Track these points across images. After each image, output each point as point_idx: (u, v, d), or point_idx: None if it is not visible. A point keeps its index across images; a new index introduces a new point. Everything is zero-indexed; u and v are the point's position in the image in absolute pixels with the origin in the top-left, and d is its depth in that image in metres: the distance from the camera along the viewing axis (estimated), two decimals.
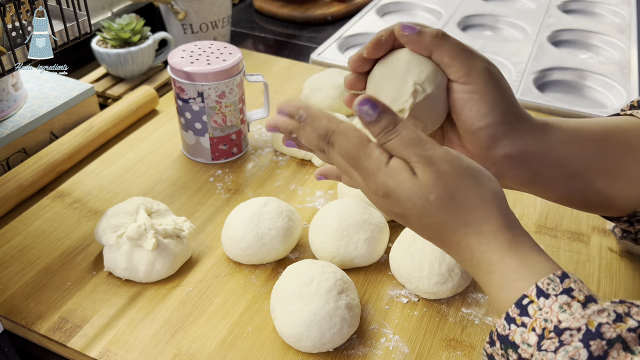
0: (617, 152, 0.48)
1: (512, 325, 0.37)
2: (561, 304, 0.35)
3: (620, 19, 1.26)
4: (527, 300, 0.36)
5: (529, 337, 0.36)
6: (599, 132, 0.48)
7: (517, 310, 0.37)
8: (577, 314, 0.35)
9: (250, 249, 0.59)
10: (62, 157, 0.73)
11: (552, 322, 0.35)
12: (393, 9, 1.31)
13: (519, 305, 0.37)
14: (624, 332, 0.33)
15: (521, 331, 0.36)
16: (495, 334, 0.38)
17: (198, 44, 0.74)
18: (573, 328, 0.34)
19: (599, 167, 0.48)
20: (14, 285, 0.58)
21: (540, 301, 0.36)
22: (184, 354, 0.52)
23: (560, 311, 0.35)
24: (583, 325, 0.34)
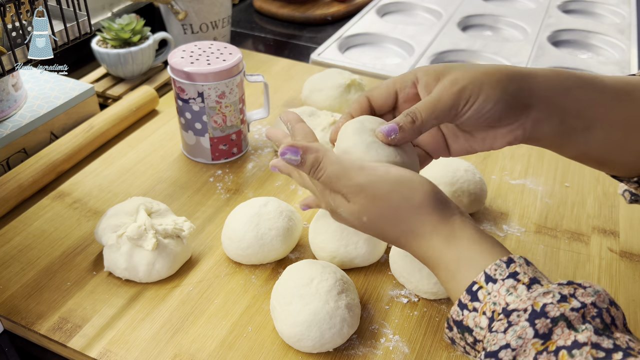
0: (634, 105, 0.48)
1: (464, 311, 0.39)
2: (508, 287, 0.38)
3: (620, 19, 1.26)
4: (477, 287, 0.39)
5: (480, 320, 0.38)
6: (618, 84, 0.49)
7: (468, 297, 0.39)
8: (523, 295, 0.37)
9: (250, 249, 0.59)
10: (62, 157, 0.73)
11: (501, 305, 0.37)
12: (393, 9, 1.31)
13: (469, 291, 0.39)
14: (567, 311, 0.35)
15: (473, 315, 0.39)
16: (452, 320, 0.41)
17: (198, 44, 0.74)
18: (520, 309, 0.36)
19: (616, 117, 0.48)
20: (14, 285, 0.58)
21: (489, 286, 0.39)
22: (184, 354, 0.52)
23: (507, 294, 0.38)
24: (529, 306, 0.36)
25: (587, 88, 0.48)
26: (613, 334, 0.35)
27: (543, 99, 0.47)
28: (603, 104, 0.48)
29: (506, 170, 0.76)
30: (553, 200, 0.71)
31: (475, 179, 0.66)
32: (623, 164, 0.51)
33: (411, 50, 1.09)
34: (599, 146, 0.49)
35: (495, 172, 0.76)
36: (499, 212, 0.69)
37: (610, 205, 0.71)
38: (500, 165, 0.77)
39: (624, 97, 0.49)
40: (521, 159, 0.78)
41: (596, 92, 0.48)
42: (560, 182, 0.74)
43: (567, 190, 0.73)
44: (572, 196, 0.72)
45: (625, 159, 0.50)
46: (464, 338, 0.40)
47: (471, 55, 1.09)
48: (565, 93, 0.47)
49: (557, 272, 0.61)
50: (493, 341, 0.36)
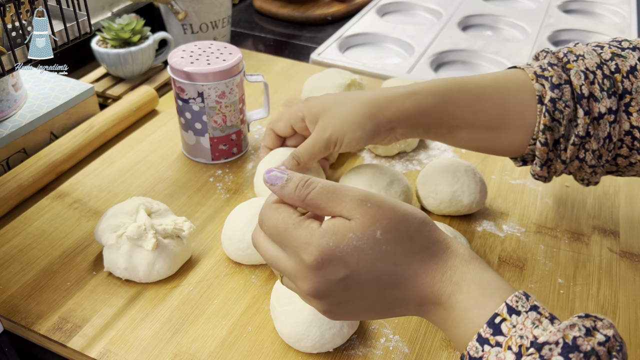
0: (492, 109, 0.56)
1: (485, 347, 0.35)
2: (532, 319, 0.35)
3: (620, 19, 1.26)
4: (500, 319, 0.36)
5: (505, 356, 0.35)
6: (472, 90, 0.56)
7: (490, 330, 0.36)
8: (551, 328, 0.35)
9: (250, 249, 0.59)
10: (62, 157, 0.73)
11: (529, 338, 0.34)
12: (393, 9, 1.31)
13: (491, 324, 0.36)
14: (596, 345, 0.33)
15: (496, 351, 0.35)
16: (467, 358, 0.37)
17: (198, 44, 0.74)
18: (551, 342, 0.33)
19: (475, 122, 0.56)
20: (14, 285, 0.58)
21: (513, 318, 0.35)
22: (184, 354, 0.52)
23: (533, 327, 0.35)
24: (560, 339, 0.33)
25: (444, 104, 0.56)
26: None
27: (402, 122, 0.57)
28: (461, 112, 0.56)
29: (506, 170, 0.76)
30: (553, 200, 0.71)
31: (475, 179, 0.66)
32: (495, 153, 0.60)
33: (411, 50, 1.09)
34: (466, 142, 0.59)
35: (495, 172, 0.76)
36: (499, 212, 0.69)
37: (610, 206, 0.71)
38: (501, 165, 0.77)
39: (485, 100, 0.56)
40: None
41: (453, 104, 0.56)
42: (560, 182, 0.74)
43: (567, 190, 0.73)
44: (572, 196, 0.72)
45: (494, 150, 0.59)
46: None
47: (471, 55, 1.09)
48: (421, 114, 0.56)
49: (557, 272, 0.61)
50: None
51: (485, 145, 0.59)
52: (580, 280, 0.60)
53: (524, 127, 0.55)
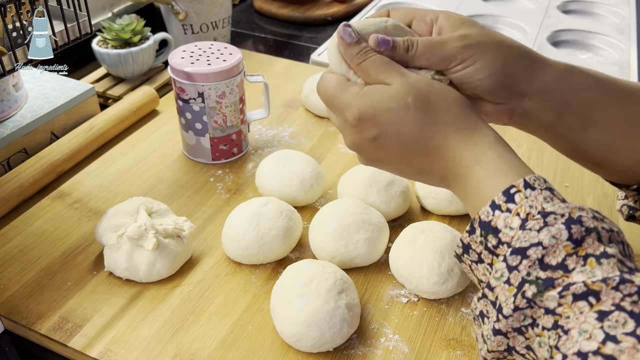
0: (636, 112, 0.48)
1: (496, 212, 0.39)
2: (545, 196, 0.38)
3: (620, 19, 1.26)
4: (515, 190, 0.38)
5: (512, 221, 0.38)
6: (624, 87, 0.49)
7: (504, 198, 0.38)
8: (560, 204, 0.37)
9: (251, 249, 0.59)
10: (63, 157, 0.73)
11: (537, 209, 0.37)
12: None
13: (506, 193, 0.39)
14: (599, 227, 0.36)
15: (505, 216, 0.38)
16: (477, 221, 0.40)
17: (198, 45, 0.74)
18: (557, 213, 0.36)
19: (616, 121, 0.47)
20: (14, 285, 0.58)
21: (527, 192, 0.38)
22: (184, 353, 0.52)
23: (544, 201, 0.38)
24: (567, 213, 0.36)
25: (594, 89, 0.47)
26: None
27: (543, 92, 0.46)
28: (607, 106, 0.47)
29: None
30: None
31: None
32: (620, 168, 0.50)
33: None
34: (596, 147, 0.48)
35: None
36: None
37: (610, 206, 0.71)
38: None
39: (630, 102, 0.48)
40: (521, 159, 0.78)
41: (603, 93, 0.47)
42: (560, 182, 0.74)
43: (566, 191, 0.73)
44: (571, 196, 0.72)
45: (623, 163, 0.49)
46: (485, 241, 0.39)
47: None
48: (569, 90, 0.47)
49: None
50: (524, 238, 0.36)
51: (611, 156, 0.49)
52: None
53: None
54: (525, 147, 0.81)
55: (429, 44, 0.46)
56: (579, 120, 0.47)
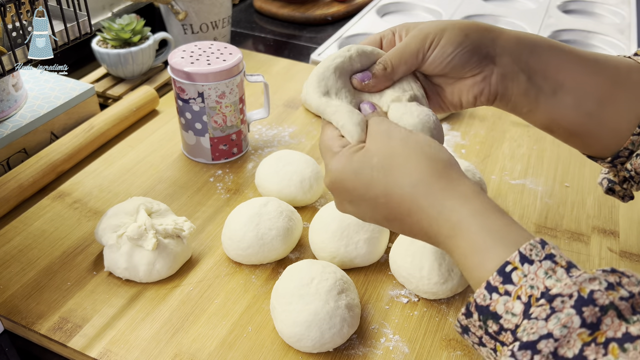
0: (605, 77, 0.49)
1: (493, 295, 0.35)
2: (546, 269, 0.34)
3: (620, 19, 1.26)
4: (511, 267, 0.34)
5: (513, 305, 0.34)
6: (585, 55, 0.50)
7: (500, 278, 0.35)
8: (566, 280, 0.33)
9: (251, 249, 0.59)
10: (63, 157, 0.73)
11: (539, 289, 0.33)
12: (393, 9, 1.31)
13: (501, 272, 0.35)
14: (616, 300, 0.32)
15: (504, 300, 0.34)
16: (474, 305, 0.36)
17: (198, 44, 0.74)
18: (565, 294, 0.32)
19: (585, 84, 0.48)
20: (14, 285, 0.58)
21: (525, 267, 0.34)
22: (184, 353, 0.52)
23: (546, 277, 0.34)
24: (575, 292, 0.32)
25: (554, 51, 0.49)
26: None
27: (507, 53, 0.48)
28: (572, 70, 0.48)
29: (506, 170, 0.76)
30: (553, 200, 0.71)
31: (475, 178, 0.66)
32: (596, 138, 0.50)
33: None
34: (570, 114, 0.49)
35: (495, 172, 0.76)
36: None
37: (610, 206, 0.71)
38: (500, 165, 0.77)
39: (595, 68, 0.49)
40: (521, 159, 0.78)
41: (564, 58, 0.49)
42: (560, 182, 0.74)
43: (567, 190, 0.73)
44: (572, 196, 0.72)
45: (597, 132, 0.49)
46: (485, 326, 0.36)
47: None
48: (531, 51, 0.48)
49: None
50: (531, 329, 0.32)
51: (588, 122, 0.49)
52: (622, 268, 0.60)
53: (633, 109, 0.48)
54: (525, 147, 0.80)
55: (397, 52, 0.48)
56: (548, 82, 0.48)
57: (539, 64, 0.48)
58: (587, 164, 0.77)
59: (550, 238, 0.65)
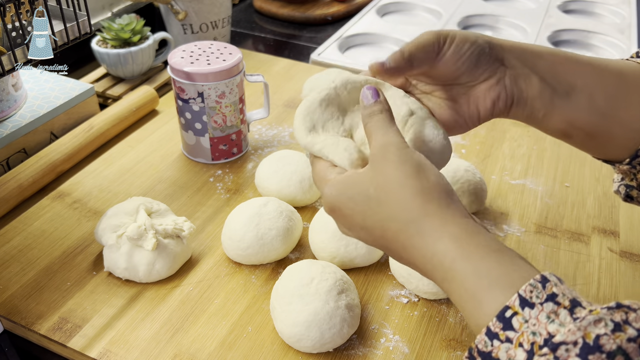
0: (614, 78, 0.48)
1: (495, 342, 0.33)
2: (548, 313, 0.32)
3: (620, 19, 1.26)
4: (511, 312, 0.33)
5: (516, 353, 0.32)
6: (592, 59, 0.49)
7: (500, 324, 0.33)
8: (570, 325, 0.32)
9: (251, 249, 0.59)
10: (62, 157, 0.73)
11: (542, 336, 0.32)
12: (393, 9, 1.31)
13: (501, 318, 0.33)
14: (624, 342, 0.30)
15: (506, 347, 0.33)
16: (476, 351, 0.35)
17: (198, 44, 0.74)
18: (569, 342, 0.31)
19: (597, 88, 0.48)
20: (14, 285, 0.58)
21: (526, 312, 0.33)
22: (184, 354, 0.52)
23: (548, 322, 0.32)
24: (580, 339, 0.31)
25: (559, 56, 0.49)
26: None
27: (514, 57, 0.48)
28: (580, 72, 0.48)
29: (506, 170, 0.76)
30: (553, 200, 0.71)
31: (475, 179, 0.66)
32: (613, 138, 0.49)
33: None
34: (585, 115, 0.48)
35: (495, 172, 0.76)
36: (499, 212, 0.69)
37: (610, 206, 0.71)
38: (501, 165, 0.77)
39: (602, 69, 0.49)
40: (521, 159, 0.78)
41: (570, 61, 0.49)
42: (560, 182, 0.74)
43: (567, 190, 0.73)
44: (572, 196, 0.72)
45: (614, 131, 0.49)
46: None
47: None
48: (536, 56, 0.48)
49: (557, 272, 0.61)
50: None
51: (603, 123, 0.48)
52: (580, 280, 0.60)
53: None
54: (525, 147, 0.80)
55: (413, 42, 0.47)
56: (560, 83, 0.48)
57: (547, 66, 0.48)
58: (587, 164, 0.77)
59: (550, 238, 0.65)
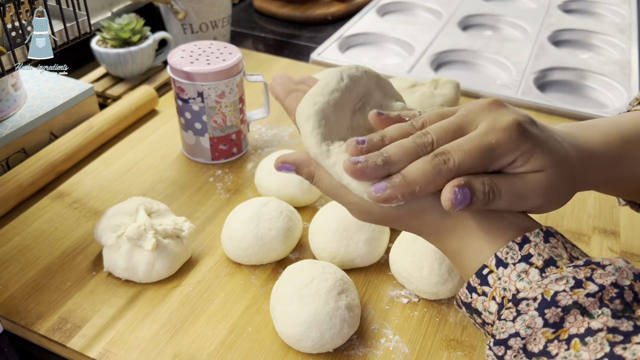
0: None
1: (473, 294, 0.38)
2: (519, 272, 0.36)
3: (621, 19, 1.26)
4: (487, 270, 0.37)
5: (489, 305, 0.37)
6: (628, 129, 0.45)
7: (478, 280, 0.38)
8: (534, 283, 0.35)
9: (250, 249, 0.59)
10: (62, 157, 0.73)
11: (511, 291, 0.36)
12: (393, 9, 1.31)
13: (479, 275, 0.37)
14: (581, 297, 0.33)
15: (482, 300, 0.37)
16: (460, 300, 0.40)
17: (198, 44, 0.74)
18: (529, 298, 0.34)
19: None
20: (13, 285, 0.58)
21: (499, 271, 0.37)
22: (183, 354, 0.52)
23: (518, 280, 0.36)
24: (539, 295, 0.34)
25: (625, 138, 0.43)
26: (635, 312, 0.33)
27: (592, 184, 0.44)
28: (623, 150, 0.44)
29: None
30: None
31: None
32: None
33: (411, 50, 1.09)
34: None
35: None
36: None
37: (610, 206, 0.70)
38: None
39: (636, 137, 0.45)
40: None
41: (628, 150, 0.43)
42: None
43: None
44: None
45: None
46: (473, 318, 0.39)
47: (471, 55, 1.09)
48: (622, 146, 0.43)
49: None
50: (502, 329, 0.35)
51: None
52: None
53: None
54: None
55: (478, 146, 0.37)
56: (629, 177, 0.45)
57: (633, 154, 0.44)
58: None
59: None
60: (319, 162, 0.41)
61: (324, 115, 0.41)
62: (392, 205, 0.38)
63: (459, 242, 0.40)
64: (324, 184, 0.42)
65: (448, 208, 0.36)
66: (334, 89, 0.42)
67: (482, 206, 0.37)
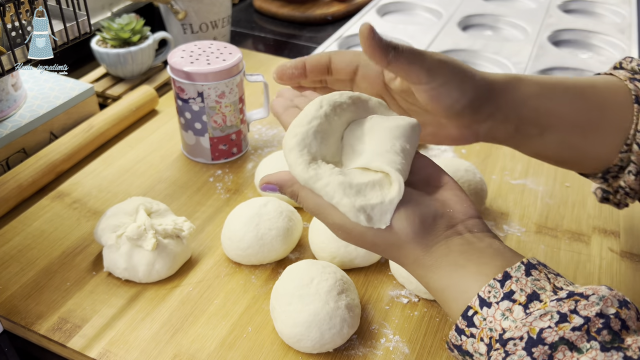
0: (591, 109, 0.49)
1: (462, 336, 0.38)
2: (503, 310, 0.36)
3: (621, 19, 1.26)
4: (472, 312, 0.37)
5: (479, 346, 0.37)
6: (573, 88, 0.50)
7: (465, 322, 0.38)
8: (518, 321, 0.35)
9: (250, 249, 0.59)
10: (62, 157, 0.73)
11: (497, 331, 0.36)
12: (393, 9, 1.31)
13: (465, 316, 0.38)
14: (567, 332, 0.33)
15: (471, 341, 0.38)
16: (451, 343, 0.40)
17: (198, 44, 0.74)
18: (516, 337, 0.34)
19: (572, 122, 0.49)
20: (13, 285, 0.58)
21: (484, 311, 0.37)
22: (183, 354, 0.52)
23: (502, 319, 0.36)
24: (525, 334, 0.34)
25: (545, 96, 0.48)
26: (624, 341, 0.33)
27: (501, 108, 0.47)
28: (560, 110, 0.49)
29: (507, 170, 0.76)
30: (553, 200, 0.71)
31: (475, 179, 0.66)
32: (581, 163, 0.52)
33: None
34: (555, 148, 0.50)
35: (495, 172, 0.76)
36: (499, 212, 0.69)
37: (610, 207, 0.70)
38: (501, 165, 0.77)
39: (582, 99, 0.49)
40: (521, 159, 0.78)
41: (554, 99, 0.49)
42: (561, 182, 0.74)
43: (567, 190, 0.73)
44: (572, 196, 0.72)
45: (582, 159, 0.51)
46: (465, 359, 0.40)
47: (472, 55, 1.09)
48: (523, 103, 0.48)
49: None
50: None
51: (573, 154, 0.51)
52: (580, 280, 0.60)
53: (619, 131, 0.49)
54: None
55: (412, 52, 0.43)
56: (537, 127, 0.49)
57: (529, 112, 0.48)
58: None
59: (551, 238, 0.65)
60: (310, 187, 0.42)
61: (304, 144, 0.42)
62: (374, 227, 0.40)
63: (441, 280, 0.40)
64: (308, 203, 0.43)
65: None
66: (312, 117, 0.43)
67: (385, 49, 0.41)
